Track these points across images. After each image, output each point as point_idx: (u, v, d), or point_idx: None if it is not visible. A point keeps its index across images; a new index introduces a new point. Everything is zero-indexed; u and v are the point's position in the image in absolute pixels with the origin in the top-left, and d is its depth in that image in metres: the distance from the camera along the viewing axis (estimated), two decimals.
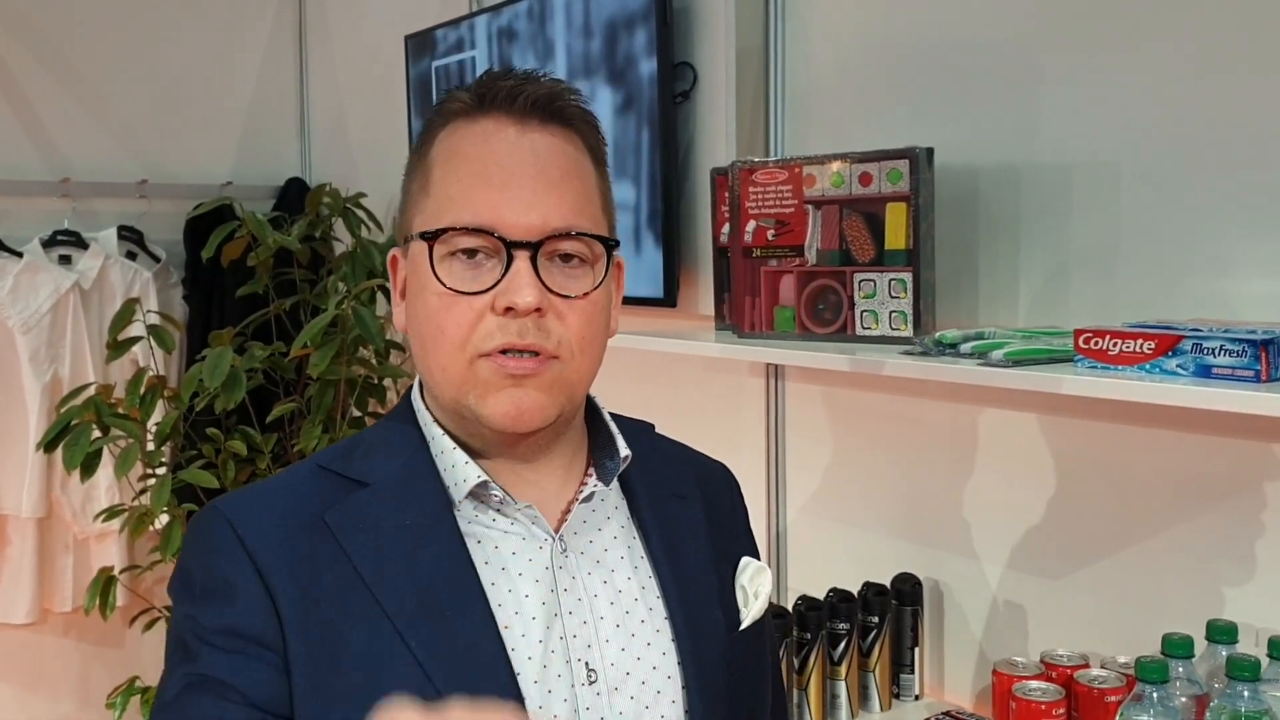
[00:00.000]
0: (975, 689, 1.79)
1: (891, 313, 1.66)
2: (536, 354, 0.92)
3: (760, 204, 1.76)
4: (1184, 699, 1.35)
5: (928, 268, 1.64)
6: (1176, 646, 1.36)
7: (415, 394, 1.02)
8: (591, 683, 0.92)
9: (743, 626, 1.02)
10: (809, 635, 1.71)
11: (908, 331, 1.64)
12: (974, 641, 1.79)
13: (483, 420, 0.93)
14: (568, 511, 0.98)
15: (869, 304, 1.68)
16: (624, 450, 1.01)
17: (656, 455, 1.08)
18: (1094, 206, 1.59)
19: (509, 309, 0.90)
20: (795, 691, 1.71)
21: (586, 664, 0.93)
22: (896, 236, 1.65)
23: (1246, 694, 1.27)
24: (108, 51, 3.19)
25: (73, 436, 2.54)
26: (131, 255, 3.15)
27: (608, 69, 2.19)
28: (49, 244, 3.02)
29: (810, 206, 1.71)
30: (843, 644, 1.74)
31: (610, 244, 0.97)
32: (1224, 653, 1.34)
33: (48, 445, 2.56)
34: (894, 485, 1.91)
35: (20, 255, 2.95)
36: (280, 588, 0.89)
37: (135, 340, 2.68)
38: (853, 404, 1.96)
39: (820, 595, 1.79)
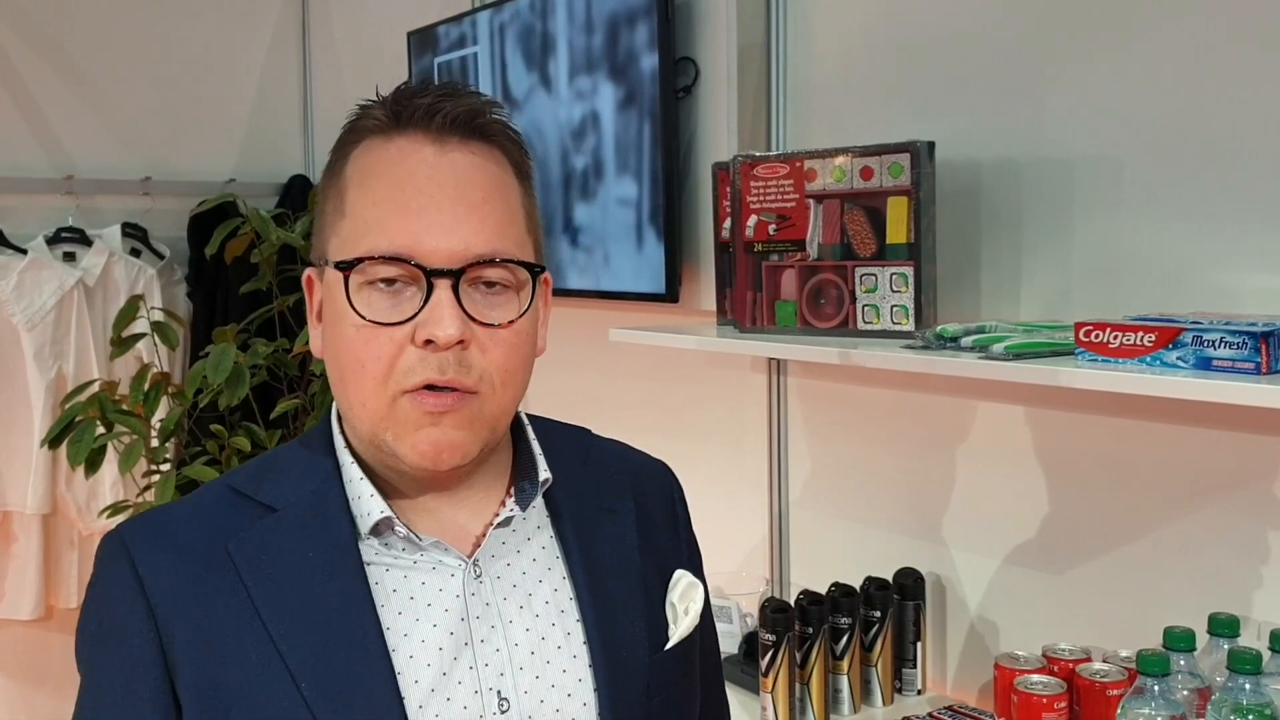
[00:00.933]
0: (978, 683, 1.78)
1: (893, 307, 1.66)
2: (457, 390, 0.88)
3: (762, 198, 1.76)
4: (1186, 692, 1.35)
5: (929, 262, 1.64)
6: (1178, 640, 1.36)
7: (334, 416, 0.98)
8: (504, 712, 0.90)
9: (669, 645, 0.99)
10: (811, 630, 1.71)
11: (909, 326, 1.64)
12: (976, 636, 1.79)
13: (400, 458, 0.90)
14: (484, 536, 0.95)
15: (870, 298, 1.67)
16: (544, 474, 0.97)
17: (587, 467, 1.03)
18: (1096, 201, 1.59)
19: (429, 342, 0.86)
20: (798, 686, 1.71)
21: (499, 693, 0.90)
22: (898, 231, 1.64)
23: (1248, 687, 1.27)
24: (111, 49, 3.19)
25: (77, 433, 2.54)
26: (135, 252, 3.16)
27: (609, 64, 2.19)
28: (53, 241, 3.03)
29: (812, 201, 1.71)
30: (845, 638, 1.74)
31: (535, 270, 0.92)
32: (1226, 646, 1.34)
33: (52, 441, 2.57)
34: (896, 480, 1.91)
35: (24, 252, 2.96)
36: (174, 635, 0.88)
37: (139, 337, 2.68)
38: (854, 399, 1.96)
39: (822, 590, 1.79)
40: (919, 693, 1.81)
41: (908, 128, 1.78)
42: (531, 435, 1.01)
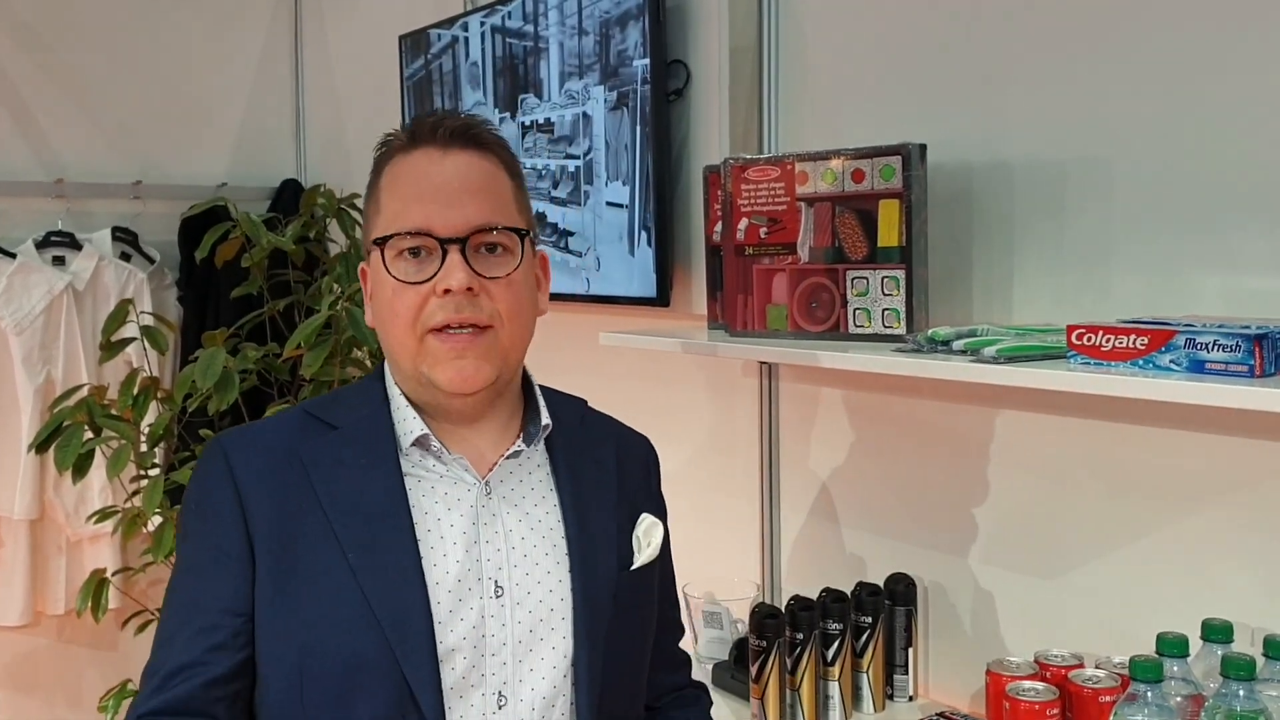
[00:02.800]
0: (969, 690, 1.77)
1: (884, 310, 1.65)
2: (474, 327, 1.16)
3: (753, 201, 1.75)
4: (1179, 699, 1.34)
5: (920, 265, 1.63)
6: (1171, 646, 1.35)
7: (385, 363, 1.26)
8: (498, 596, 1.17)
9: (633, 568, 1.26)
10: (801, 635, 1.70)
11: (900, 329, 1.63)
12: (968, 642, 1.78)
13: (436, 385, 1.18)
14: (496, 463, 1.22)
15: (862, 302, 1.66)
16: (545, 419, 1.26)
17: (583, 426, 1.32)
18: (1087, 203, 1.58)
19: (446, 291, 1.15)
20: (788, 692, 1.70)
21: (496, 582, 1.18)
22: (889, 233, 1.64)
23: (1242, 693, 1.26)
24: (103, 51, 3.18)
25: (64, 438, 2.52)
26: (126, 256, 3.14)
27: (601, 67, 2.18)
28: (42, 245, 3.01)
29: (803, 204, 1.70)
30: (836, 644, 1.73)
31: (523, 233, 1.21)
32: (1219, 652, 1.33)
33: (39, 446, 2.55)
34: (888, 485, 1.89)
35: (13, 256, 2.94)
36: (255, 512, 1.15)
37: (129, 341, 2.66)
38: (846, 404, 1.95)
39: (813, 595, 1.77)
40: (910, 699, 1.80)
41: (900, 130, 1.77)
42: (539, 392, 1.29)
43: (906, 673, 1.79)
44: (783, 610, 1.72)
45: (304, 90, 3.51)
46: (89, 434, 2.54)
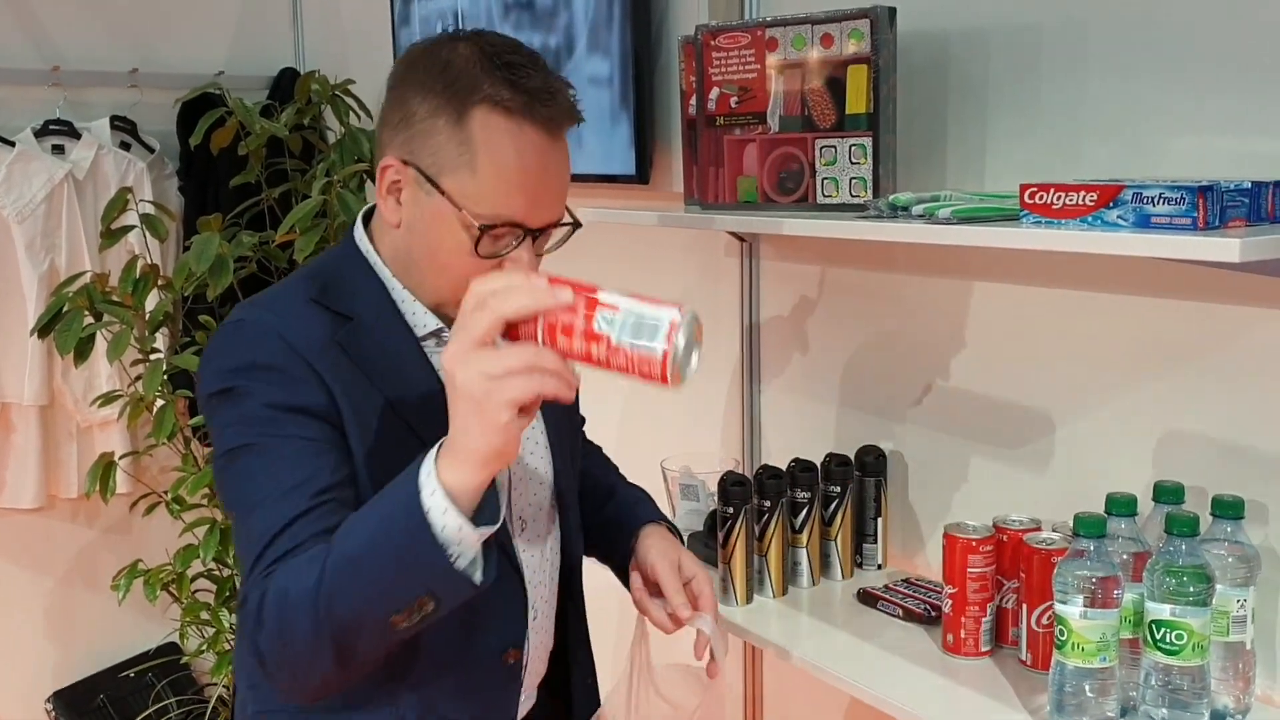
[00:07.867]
0: (939, 558, 1.79)
1: (851, 179, 1.63)
2: None
3: (724, 70, 1.73)
4: (1125, 556, 1.35)
5: (888, 132, 1.61)
6: (1118, 505, 1.37)
7: (366, 246, 1.30)
8: None
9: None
10: (769, 503, 1.72)
11: (868, 198, 1.61)
12: (939, 513, 1.80)
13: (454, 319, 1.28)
14: None
15: (830, 171, 1.65)
16: None
17: None
18: (1060, 68, 1.56)
19: None
20: (756, 558, 1.73)
21: None
22: (857, 100, 1.61)
23: (1184, 548, 1.27)
24: None
25: (65, 322, 2.56)
26: (125, 146, 3.14)
27: None
28: (41, 134, 3.01)
29: (773, 71, 1.68)
30: (804, 513, 1.75)
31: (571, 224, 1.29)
32: (1169, 511, 1.34)
33: (41, 330, 2.59)
34: (865, 361, 1.90)
35: (12, 144, 2.95)
36: (328, 380, 1.20)
37: (128, 229, 2.68)
38: (825, 281, 1.95)
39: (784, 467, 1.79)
40: (879, 567, 1.82)
41: None
42: None
43: (876, 542, 1.82)
44: (750, 479, 1.74)
45: None
46: (89, 319, 2.58)
